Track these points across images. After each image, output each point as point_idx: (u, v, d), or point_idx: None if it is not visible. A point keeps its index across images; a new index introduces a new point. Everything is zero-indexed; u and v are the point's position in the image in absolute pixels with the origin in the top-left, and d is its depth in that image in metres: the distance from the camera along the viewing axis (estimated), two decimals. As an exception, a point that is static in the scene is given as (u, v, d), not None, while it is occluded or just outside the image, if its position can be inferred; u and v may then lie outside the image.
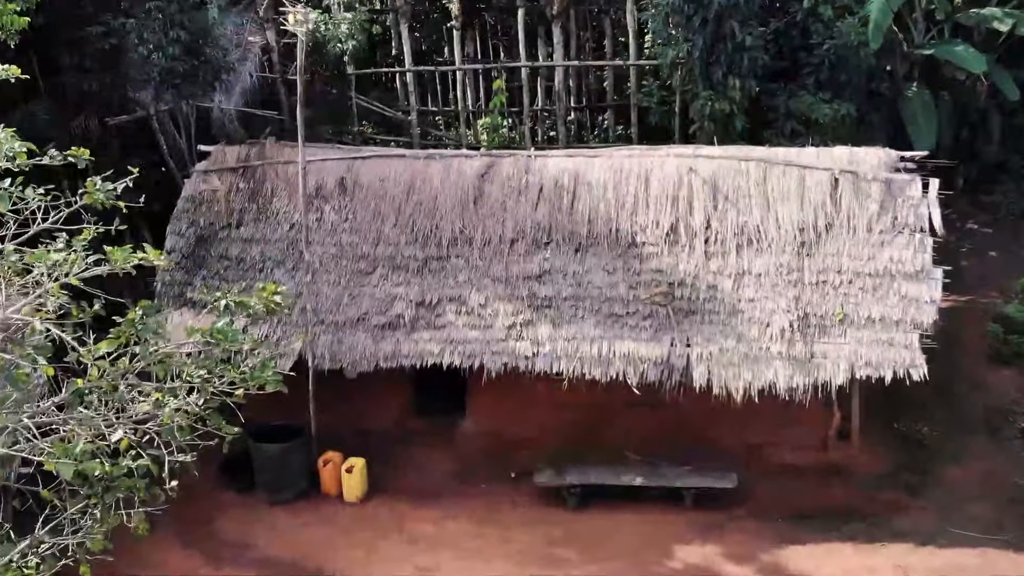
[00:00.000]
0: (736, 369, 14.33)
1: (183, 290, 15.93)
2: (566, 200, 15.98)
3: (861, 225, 15.09)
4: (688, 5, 18.07)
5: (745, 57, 18.18)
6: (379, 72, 23.78)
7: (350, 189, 16.53)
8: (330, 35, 18.68)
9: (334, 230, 16.22)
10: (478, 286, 15.45)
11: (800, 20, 18.93)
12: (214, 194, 16.65)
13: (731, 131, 18.79)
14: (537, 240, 15.74)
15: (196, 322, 15.78)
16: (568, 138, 23.64)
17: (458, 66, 22.42)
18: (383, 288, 15.62)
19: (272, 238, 16.24)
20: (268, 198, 16.61)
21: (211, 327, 8.03)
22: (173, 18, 15.72)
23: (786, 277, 14.89)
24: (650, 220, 15.62)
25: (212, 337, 8.00)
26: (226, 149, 17.13)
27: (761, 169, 15.75)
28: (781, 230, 15.23)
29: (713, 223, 15.43)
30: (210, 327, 8.03)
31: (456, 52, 22.35)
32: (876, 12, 18.55)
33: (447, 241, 15.88)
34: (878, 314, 14.46)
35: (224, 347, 8.03)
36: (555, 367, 14.67)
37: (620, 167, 16.16)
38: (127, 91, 17.25)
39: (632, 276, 15.25)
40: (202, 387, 7.70)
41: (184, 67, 16.00)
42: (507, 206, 16.08)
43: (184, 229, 16.39)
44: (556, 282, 15.37)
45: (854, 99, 19.22)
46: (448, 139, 23.76)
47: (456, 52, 22.35)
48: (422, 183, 16.45)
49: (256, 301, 8.72)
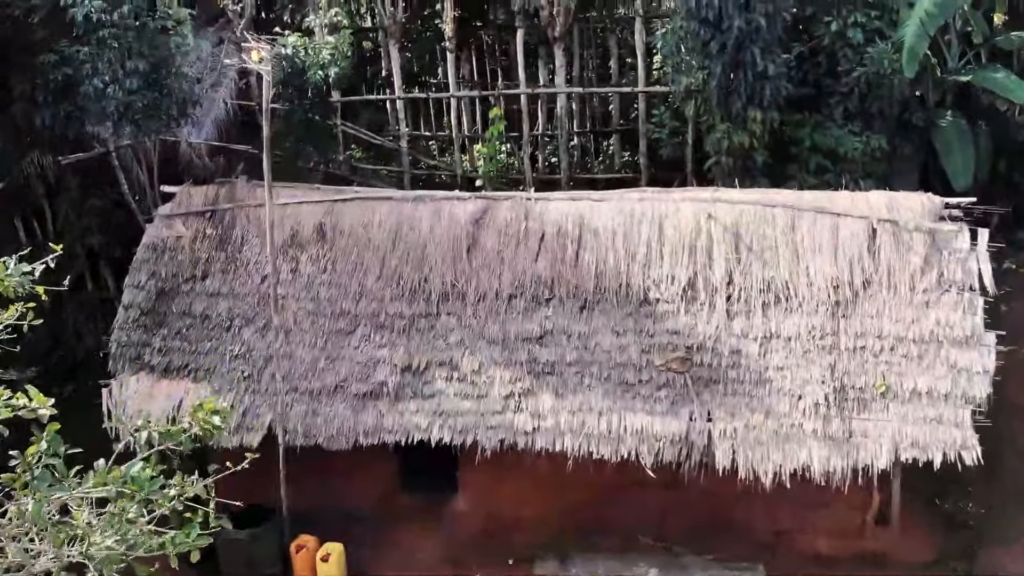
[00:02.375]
0: (764, 449, 12.64)
1: (140, 352, 14.23)
2: (570, 250, 14.30)
3: (903, 282, 13.41)
4: (704, 29, 16.35)
5: (767, 87, 16.45)
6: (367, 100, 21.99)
7: (330, 236, 14.84)
8: (311, 61, 16.96)
9: (311, 283, 14.52)
10: (471, 348, 13.74)
11: (826, 45, 17.22)
12: (178, 241, 14.94)
13: (751, 166, 17.09)
14: (537, 296, 14.04)
15: (156, 389, 14.34)
16: (571, 165, 21.95)
17: (452, 93, 20.70)
18: (365, 350, 13.90)
19: (241, 292, 14.53)
20: (238, 246, 14.90)
21: (124, 472, 6.28)
22: (131, 47, 14.01)
23: (819, 342, 13.19)
24: (664, 273, 13.93)
25: (125, 487, 6.24)
26: (192, 190, 15.42)
27: (789, 216, 14.06)
28: (813, 287, 13.53)
29: (736, 278, 13.74)
30: (122, 473, 6.28)
31: (450, 75, 20.65)
32: (911, 37, 16.83)
33: (437, 296, 14.19)
34: (924, 386, 12.78)
35: (141, 498, 6.28)
36: (558, 444, 12.97)
37: (630, 212, 14.48)
38: (84, 125, 15.51)
39: (645, 338, 13.55)
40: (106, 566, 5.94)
41: (144, 101, 14.29)
42: (504, 256, 14.39)
43: (143, 281, 14.67)
44: (559, 344, 13.67)
45: (884, 130, 17.54)
46: (442, 168, 22.04)
47: (450, 75, 20.65)
48: (409, 229, 14.76)
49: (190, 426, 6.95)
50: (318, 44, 17.18)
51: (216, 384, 13.79)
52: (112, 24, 13.94)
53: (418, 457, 14.05)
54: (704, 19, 16.22)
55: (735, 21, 16.01)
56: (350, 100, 20.60)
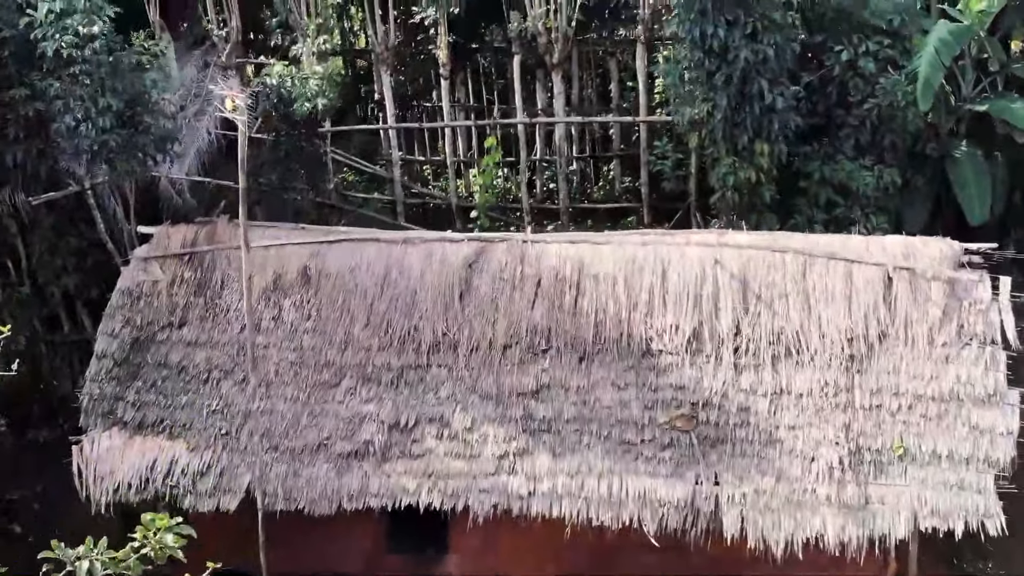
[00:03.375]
0: (775, 516, 11.86)
1: (113, 406, 13.42)
2: (568, 297, 13.52)
3: (921, 335, 12.64)
4: (709, 60, 15.59)
5: (775, 120, 15.69)
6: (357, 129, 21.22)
7: (314, 280, 14.05)
8: (297, 92, 16.19)
9: (294, 331, 13.73)
10: (463, 404, 12.95)
11: (837, 74, 16.45)
12: (154, 286, 14.14)
13: (757, 202, 16.33)
14: (534, 346, 13.26)
15: (130, 446, 13.54)
16: (570, 192, 21.20)
17: (446, 122, 19.93)
18: (350, 405, 13.11)
19: (221, 341, 13.73)
20: (217, 291, 14.11)
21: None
22: (103, 84, 13.23)
23: (833, 399, 12.41)
24: (668, 323, 13.15)
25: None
26: (170, 231, 14.63)
27: (800, 262, 13.28)
28: (826, 339, 12.75)
29: (744, 328, 12.97)
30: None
31: (444, 103, 19.89)
32: (926, 68, 16.05)
33: (427, 346, 13.40)
34: (944, 448, 12.00)
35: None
36: (555, 509, 12.19)
37: (632, 257, 13.70)
38: (57, 162, 14.75)
39: (648, 393, 12.77)
40: None
41: (118, 140, 13.51)
42: (499, 303, 13.61)
43: (118, 329, 13.88)
44: (556, 399, 12.88)
45: (896, 162, 16.78)
46: (436, 196, 21.28)
47: (444, 103, 19.89)
48: (399, 274, 13.97)
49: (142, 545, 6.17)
50: (305, 74, 16.39)
51: (192, 441, 13.00)
52: (84, 60, 13.19)
53: (406, 516, 13.25)
54: (709, 49, 15.48)
55: (742, 52, 15.28)
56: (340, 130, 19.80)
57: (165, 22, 19.20)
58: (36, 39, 13.44)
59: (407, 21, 20.79)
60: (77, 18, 13.13)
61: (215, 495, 12.56)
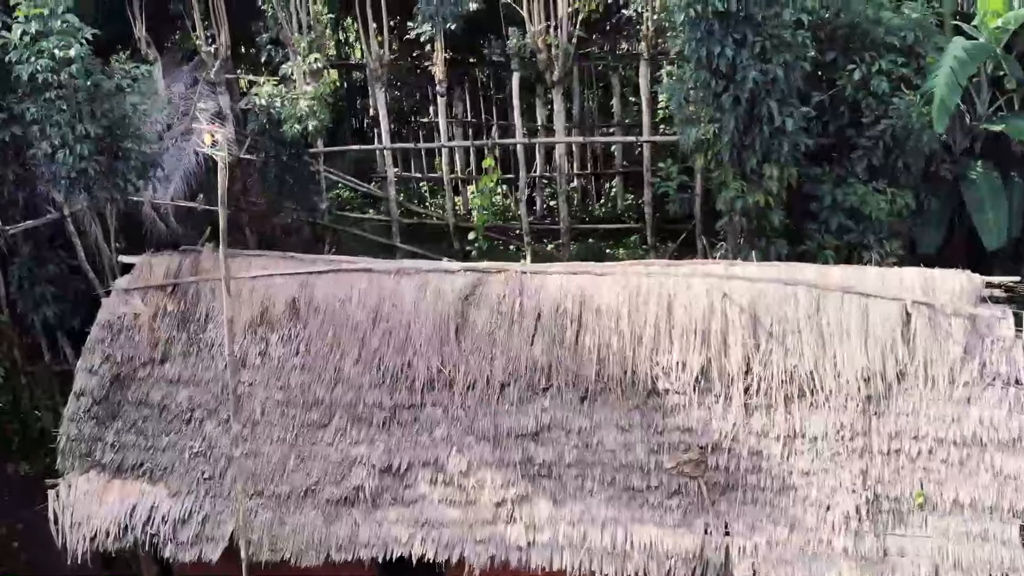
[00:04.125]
0: (789, 568, 11.24)
1: (91, 447, 12.83)
2: (569, 331, 12.88)
3: (941, 375, 11.99)
4: (716, 81, 14.93)
5: (785, 143, 15.04)
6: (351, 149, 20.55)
7: (303, 313, 13.43)
8: (287, 113, 15.53)
9: (281, 367, 13.10)
10: (459, 446, 12.32)
11: (849, 94, 15.80)
12: (136, 319, 13.52)
13: (766, 227, 15.68)
14: (533, 384, 12.63)
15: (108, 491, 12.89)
16: (570, 210, 20.53)
17: (443, 143, 19.27)
18: (340, 447, 12.48)
19: (204, 378, 13.11)
20: (202, 324, 13.49)
21: None
22: (81, 109, 12.58)
23: (849, 443, 11.77)
24: (675, 360, 12.51)
25: None
26: (153, 261, 13.99)
27: (813, 296, 12.64)
28: (841, 379, 12.11)
29: (754, 367, 12.32)
30: None
31: (441, 122, 19.20)
32: (941, 88, 15.39)
33: (422, 384, 12.77)
34: (967, 497, 11.37)
35: None
36: (556, 561, 11.54)
37: (636, 289, 13.06)
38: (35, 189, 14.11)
39: (653, 435, 12.14)
40: None
41: (97, 168, 12.87)
42: (496, 338, 12.98)
43: (97, 365, 13.27)
44: (557, 442, 12.25)
45: (910, 184, 16.12)
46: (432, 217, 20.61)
47: (441, 122, 19.20)
48: (392, 307, 13.34)
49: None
50: (295, 94, 15.72)
51: (173, 486, 12.38)
52: (60, 85, 12.54)
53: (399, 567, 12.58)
54: (715, 70, 14.83)
55: (750, 72, 14.62)
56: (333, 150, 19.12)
57: (152, 37, 18.58)
58: (11, 62, 12.80)
59: (402, 36, 20.14)
60: (53, 41, 12.50)
61: (197, 544, 11.95)
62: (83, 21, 13.39)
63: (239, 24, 19.53)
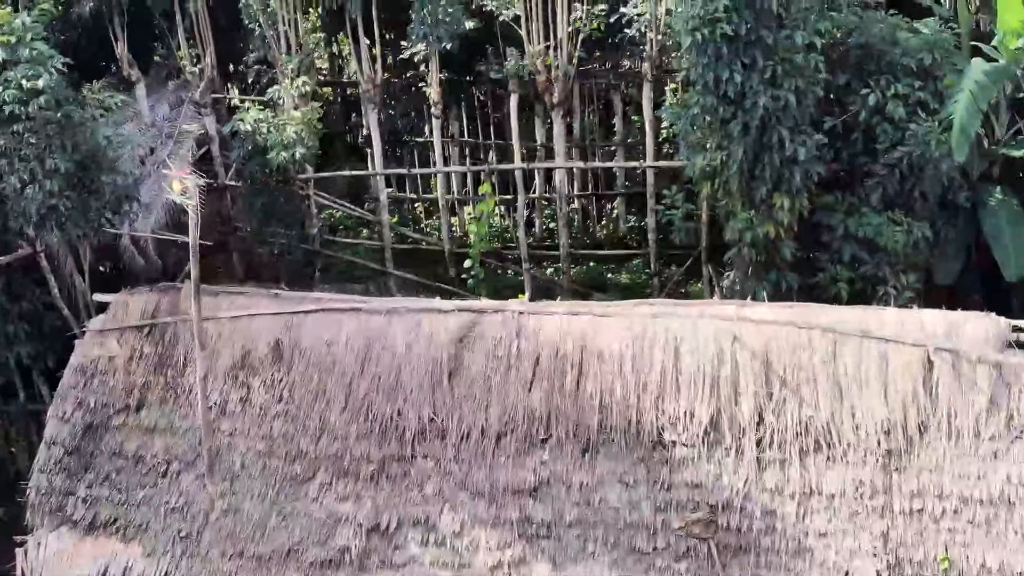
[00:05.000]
0: (805, 641, 10.46)
1: (63, 502, 12.10)
2: (570, 377, 12.13)
3: (966, 427, 11.21)
4: (724, 107, 14.18)
5: (797, 172, 14.29)
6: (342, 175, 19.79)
7: (287, 356, 12.69)
8: (274, 140, 14.78)
9: (263, 415, 12.36)
10: (452, 503, 11.57)
11: (863, 119, 15.04)
12: (110, 363, 12.80)
13: (777, 259, 14.93)
14: (531, 435, 11.87)
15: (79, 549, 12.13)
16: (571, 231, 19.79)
17: (439, 168, 18.51)
18: (324, 503, 11.74)
19: (182, 427, 12.37)
20: (179, 368, 12.75)
21: None
22: (51, 143, 11.82)
23: (869, 501, 11.00)
24: (682, 409, 11.74)
25: None
26: (129, 299, 13.24)
27: (829, 341, 11.85)
28: (859, 431, 11.34)
29: (767, 417, 11.55)
30: None
31: (436, 141, 18.45)
32: (962, 113, 14.60)
33: (412, 434, 12.03)
34: (994, 561, 10.60)
35: None
36: (555, 631, 10.81)
37: (641, 332, 12.29)
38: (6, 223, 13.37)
39: (660, 492, 11.38)
40: None
41: (68, 204, 12.12)
42: (492, 384, 12.23)
43: (69, 412, 12.55)
44: (557, 498, 11.49)
45: (926, 213, 15.35)
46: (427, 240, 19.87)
47: (436, 141, 18.45)
48: (381, 349, 12.59)
49: None
50: (282, 120, 14.97)
51: (148, 545, 11.67)
52: (28, 117, 11.79)
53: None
54: (723, 95, 14.07)
55: (760, 99, 13.87)
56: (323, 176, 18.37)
57: (136, 54, 17.88)
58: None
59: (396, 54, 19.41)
60: (21, 70, 11.76)
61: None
62: (62, 40, 12.76)
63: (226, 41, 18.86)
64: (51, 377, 14.75)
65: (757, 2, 13.68)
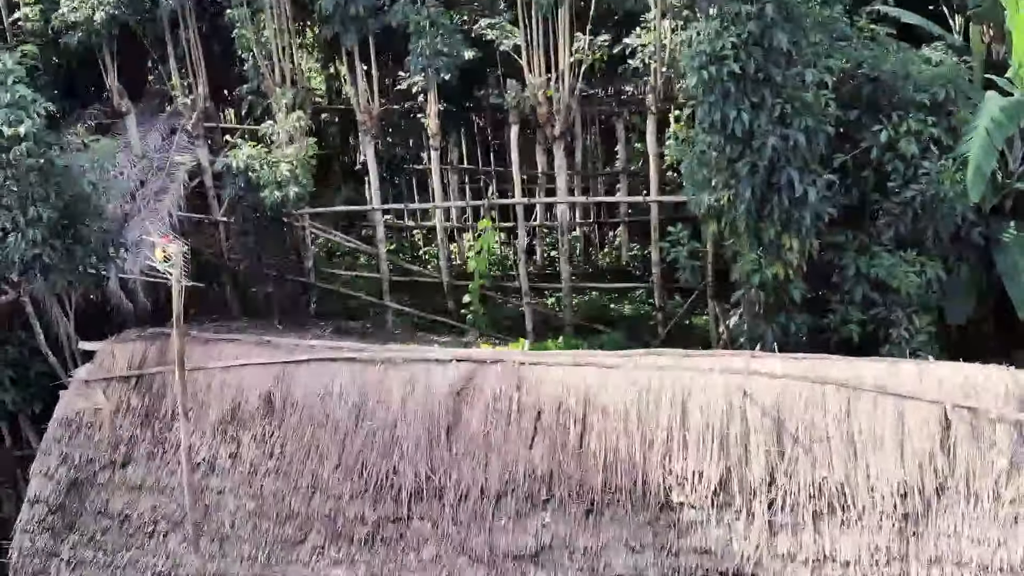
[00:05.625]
0: None
1: (46, 564, 11.68)
2: (573, 433, 11.70)
3: (985, 490, 10.81)
4: (731, 146, 13.71)
5: (806, 213, 13.82)
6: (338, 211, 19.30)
7: (279, 409, 12.29)
8: (266, 178, 14.31)
9: (253, 473, 11.94)
10: (450, 569, 11.15)
11: (874, 156, 14.57)
12: (96, 415, 12.37)
13: (785, 300, 14.45)
14: (533, 495, 11.45)
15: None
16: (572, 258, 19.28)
17: (437, 203, 18.02)
18: (317, 568, 11.35)
19: (169, 484, 11.96)
20: (167, 422, 12.33)
21: None
22: (33, 191, 11.36)
23: (885, 568, 10.58)
24: (690, 469, 11.33)
25: None
26: (116, 348, 12.82)
27: (843, 398, 11.43)
28: (875, 493, 10.91)
29: (779, 478, 11.14)
30: None
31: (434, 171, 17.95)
32: (976, 152, 14.11)
33: (409, 493, 11.60)
34: (1017, 633, 10.16)
35: None
36: None
37: (646, 385, 11.86)
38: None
39: (668, 558, 10.97)
40: None
41: (51, 254, 11.65)
42: (492, 440, 11.80)
43: (53, 468, 12.13)
44: (560, 563, 11.09)
45: (938, 250, 14.86)
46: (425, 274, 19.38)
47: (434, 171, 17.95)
48: (376, 403, 12.17)
49: None
50: (275, 159, 14.49)
51: (134, 613, 11.19)
52: (9, 164, 11.34)
53: None
54: (731, 135, 13.61)
55: (768, 139, 13.41)
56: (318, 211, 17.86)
57: (125, 85, 17.38)
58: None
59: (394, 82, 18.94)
60: (2, 115, 11.33)
61: None
62: (49, 72, 12.25)
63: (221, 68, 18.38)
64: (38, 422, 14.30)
65: (766, 39, 13.25)
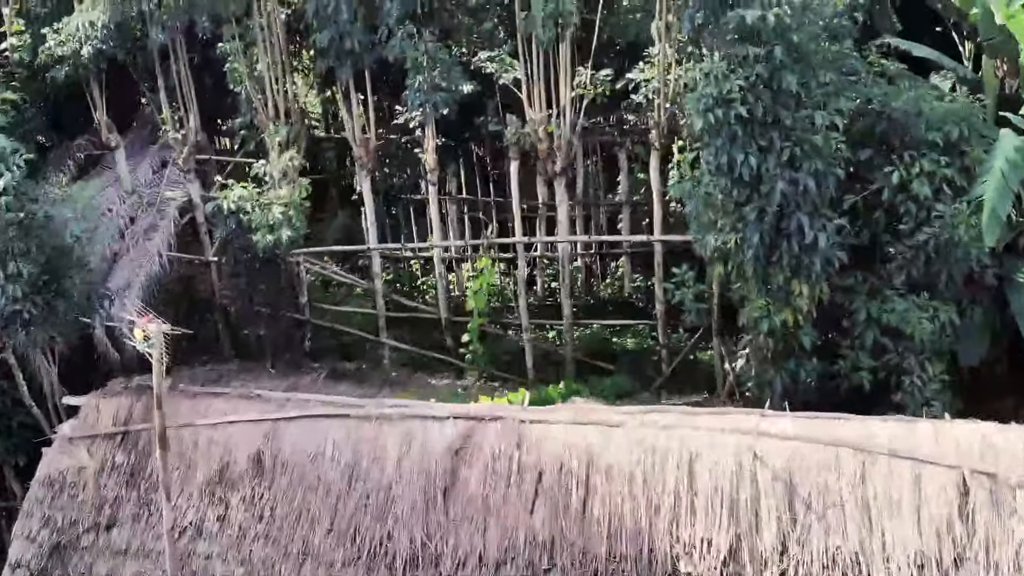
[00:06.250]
0: None
1: (25, 637, 11.15)
2: (575, 496, 11.24)
3: (1006, 559, 10.38)
4: (738, 190, 13.26)
5: (816, 259, 13.36)
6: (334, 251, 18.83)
7: (268, 469, 11.85)
8: (259, 221, 13.86)
9: (243, 537, 11.49)
10: (447, 644, 10.65)
11: (886, 198, 14.11)
12: (80, 474, 11.90)
13: (795, 347, 13.98)
14: (534, 563, 11.00)
15: None
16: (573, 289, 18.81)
17: (435, 242, 17.56)
18: (309, 642, 10.82)
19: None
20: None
21: None
22: (13, 246, 10.92)
23: (903, 646, 10.09)
24: (698, 536, 10.87)
25: None
26: (100, 403, 12.38)
27: (857, 461, 10.98)
28: (891, 563, 10.46)
29: (791, 546, 10.68)
30: None
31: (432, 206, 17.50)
32: (993, 195, 13.64)
33: (404, 560, 11.17)
34: None
35: None
36: None
37: (652, 446, 11.41)
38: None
39: (675, 633, 10.46)
40: None
41: (33, 310, 11.21)
42: (491, 503, 11.34)
43: (35, 531, 11.70)
44: (562, 641, 10.59)
45: (951, 293, 14.39)
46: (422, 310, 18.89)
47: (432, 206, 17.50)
48: (371, 463, 11.72)
49: None
50: (268, 199, 14.03)
51: None
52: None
53: None
54: (738, 178, 13.16)
55: (777, 183, 12.97)
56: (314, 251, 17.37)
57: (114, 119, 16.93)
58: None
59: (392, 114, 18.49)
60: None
61: None
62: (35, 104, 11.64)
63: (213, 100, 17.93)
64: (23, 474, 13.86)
65: (775, 82, 12.80)
